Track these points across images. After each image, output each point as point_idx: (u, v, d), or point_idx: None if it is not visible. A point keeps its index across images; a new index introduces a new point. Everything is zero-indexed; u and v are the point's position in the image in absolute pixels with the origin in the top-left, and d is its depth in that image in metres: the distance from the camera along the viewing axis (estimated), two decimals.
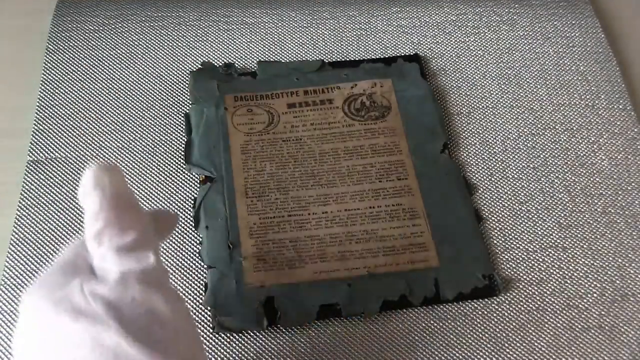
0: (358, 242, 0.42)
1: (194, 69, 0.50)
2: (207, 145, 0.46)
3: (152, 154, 0.47)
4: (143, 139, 0.47)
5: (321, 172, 0.45)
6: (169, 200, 0.45)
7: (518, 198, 0.45)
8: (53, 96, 0.49)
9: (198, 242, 0.43)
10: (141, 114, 0.48)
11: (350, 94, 0.48)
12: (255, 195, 0.44)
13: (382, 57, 0.51)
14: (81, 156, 0.46)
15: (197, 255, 0.43)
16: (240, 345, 0.40)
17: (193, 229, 0.44)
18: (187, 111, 0.48)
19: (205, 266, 0.42)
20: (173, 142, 0.47)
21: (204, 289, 0.41)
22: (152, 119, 0.48)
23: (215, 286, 0.41)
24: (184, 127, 0.48)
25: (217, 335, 0.40)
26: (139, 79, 0.50)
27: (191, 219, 0.44)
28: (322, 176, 0.45)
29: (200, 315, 0.41)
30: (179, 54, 0.51)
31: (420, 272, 0.41)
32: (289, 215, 0.43)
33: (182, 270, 0.42)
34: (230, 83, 0.49)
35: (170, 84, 0.50)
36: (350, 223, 0.43)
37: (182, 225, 0.44)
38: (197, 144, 0.46)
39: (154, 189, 0.45)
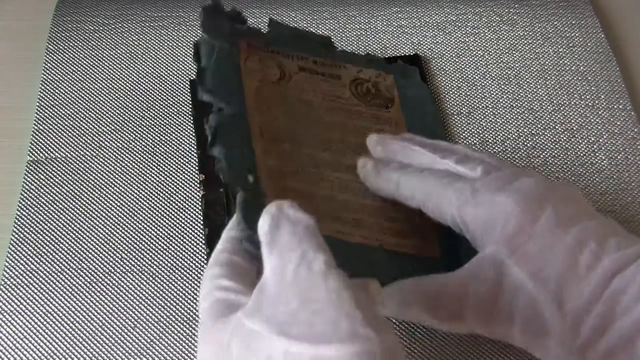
0: (370, 215, 0.41)
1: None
2: (220, 76, 0.41)
3: (152, 154, 0.47)
4: (143, 139, 0.47)
5: (332, 140, 0.43)
6: (168, 200, 0.45)
7: None
8: (53, 96, 0.49)
9: (216, 160, 0.37)
10: (141, 114, 0.48)
11: (357, 77, 0.47)
12: (270, 139, 0.41)
13: (382, 57, 0.51)
14: (81, 156, 0.46)
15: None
16: None
17: (194, 228, 0.44)
18: (197, 41, 0.42)
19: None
20: (173, 142, 0.47)
21: None
22: (152, 119, 0.48)
23: None
24: (184, 127, 0.48)
25: None
26: (139, 79, 0.50)
27: (192, 218, 0.44)
28: (332, 144, 0.43)
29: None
30: (179, 54, 0.51)
31: (423, 261, 0.41)
32: (302, 169, 0.41)
33: (182, 270, 0.42)
34: (242, 29, 0.44)
35: (170, 84, 0.50)
36: (362, 196, 0.41)
37: (183, 224, 0.44)
38: (210, 72, 0.40)
39: (154, 189, 0.45)
